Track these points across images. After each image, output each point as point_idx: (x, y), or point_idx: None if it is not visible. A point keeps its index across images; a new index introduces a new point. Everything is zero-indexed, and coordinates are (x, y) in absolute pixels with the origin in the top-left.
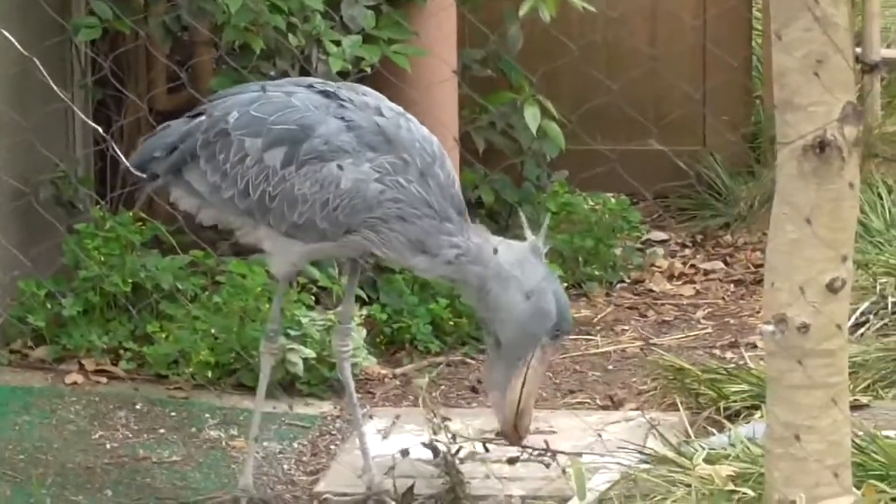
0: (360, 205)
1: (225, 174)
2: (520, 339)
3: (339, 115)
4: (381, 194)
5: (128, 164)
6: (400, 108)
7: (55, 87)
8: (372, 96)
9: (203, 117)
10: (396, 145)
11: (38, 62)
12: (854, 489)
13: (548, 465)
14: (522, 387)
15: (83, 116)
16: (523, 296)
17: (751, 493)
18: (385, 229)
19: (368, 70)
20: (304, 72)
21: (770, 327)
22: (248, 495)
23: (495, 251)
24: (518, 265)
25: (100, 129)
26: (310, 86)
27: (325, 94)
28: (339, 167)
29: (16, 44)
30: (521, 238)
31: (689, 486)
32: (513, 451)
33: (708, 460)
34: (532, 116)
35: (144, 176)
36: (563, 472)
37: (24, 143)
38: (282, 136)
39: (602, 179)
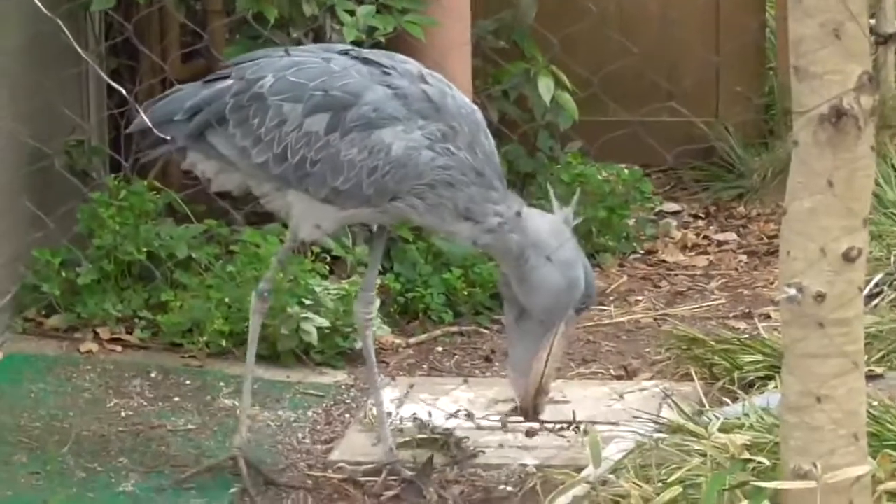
0: (411, 172)
1: (259, 139)
2: (551, 310)
3: (385, 83)
4: (432, 161)
5: (150, 124)
6: (441, 76)
7: (78, 48)
8: (412, 64)
9: (228, 81)
10: (444, 113)
11: (61, 23)
12: (869, 458)
13: (567, 432)
14: (547, 361)
15: (105, 77)
16: (558, 265)
17: (766, 461)
18: (432, 196)
19: (382, 40)
20: (318, 41)
21: (792, 290)
22: (244, 454)
23: (530, 219)
24: (553, 235)
25: (123, 90)
26: (345, 52)
27: (366, 60)
28: (390, 134)
29: (40, 5)
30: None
31: (704, 454)
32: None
33: (723, 429)
34: (545, 87)
35: (168, 138)
36: (585, 433)
37: (38, 113)
38: (326, 102)
39: (615, 150)
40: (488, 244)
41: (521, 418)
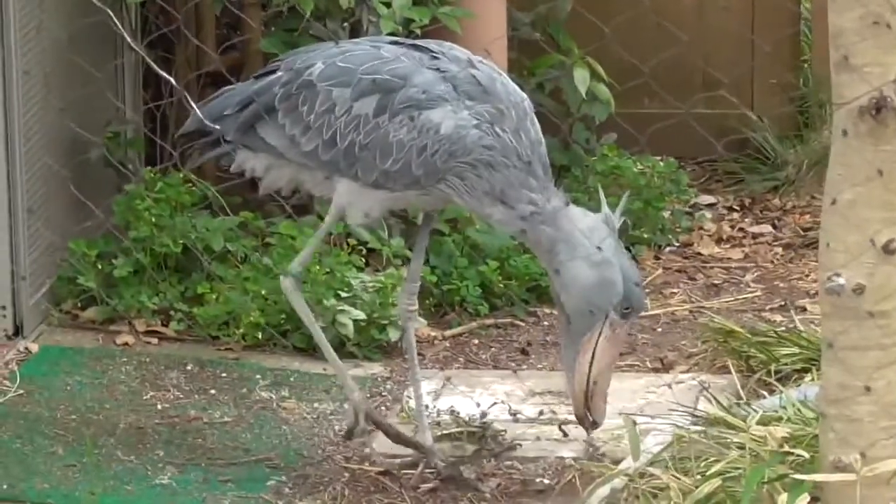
0: (459, 150)
1: (308, 126)
2: (584, 309)
3: (434, 67)
4: (479, 140)
5: (201, 114)
6: (491, 62)
7: (128, 38)
8: (460, 50)
9: (277, 74)
10: (493, 96)
11: (111, 13)
12: None
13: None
14: (591, 365)
15: (153, 65)
16: (589, 263)
17: (805, 454)
18: (472, 175)
19: (418, 32)
20: (355, 33)
21: (840, 279)
22: (362, 408)
23: (569, 216)
24: (588, 233)
25: (171, 79)
26: (394, 42)
27: (415, 47)
28: (439, 114)
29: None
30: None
31: (742, 447)
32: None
33: (761, 422)
34: (581, 79)
35: (218, 127)
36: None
37: (75, 106)
38: (374, 85)
39: (651, 142)
40: (518, 231)
41: (579, 424)
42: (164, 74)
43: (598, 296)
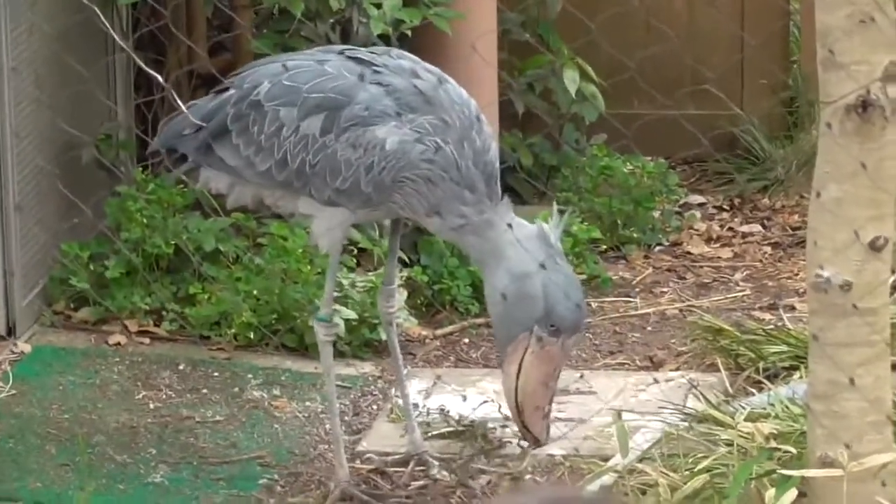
0: (406, 166)
1: (260, 146)
2: (503, 321)
3: (376, 81)
4: (422, 154)
5: (186, 110)
6: (438, 70)
7: (116, 37)
8: (408, 59)
9: (230, 92)
10: (436, 106)
11: (98, 11)
12: (894, 446)
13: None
14: (517, 378)
15: (142, 65)
16: (510, 276)
17: (792, 450)
18: (412, 189)
19: (408, 33)
20: (345, 34)
21: (826, 273)
22: (342, 485)
23: (509, 226)
24: (514, 243)
25: (159, 77)
26: (341, 53)
27: (359, 60)
28: (383, 131)
29: None
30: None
31: (730, 444)
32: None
33: (749, 419)
34: (571, 79)
35: (204, 125)
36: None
37: (66, 108)
38: (319, 103)
39: (640, 142)
40: (452, 240)
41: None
42: (152, 73)
43: (517, 309)
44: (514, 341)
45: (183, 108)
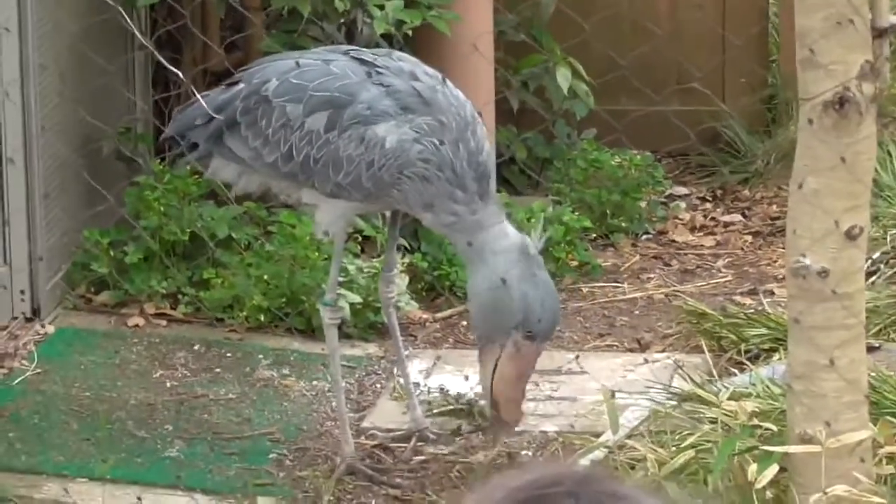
0: (404, 164)
1: (267, 139)
2: (479, 322)
3: (378, 82)
4: (420, 153)
5: (205, 104)
6: (436, 73)
7: (137, 34)
8: (407, 62)
9: (239, 86)
10: (433, 107)
11: (121, 10)
12: (869, 424)
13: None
14: (493, 376)
15: (162, 60)
16: (489, 284)
17: (773, 427)
18: (407, 185)
19: (409, 33)
20: (350, 34)
21: (806, 260)
22: (347, 461)
23: (488, 231)
24: (496, 252)
25: (178, 73)
26: (346, 53)
27: (362, 61)
28: (383, 129)
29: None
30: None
31: (714, 421)
32: None
33: (732, 398)
34: (563, 78)
35: (220, 118)
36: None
37: (89, 103)
38: (324, 101)
39: (628, 137)
40: (444, 235)
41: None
42: (172, 68)
43: (496, 315)
44: (492, 343)
45: (201, 99)
